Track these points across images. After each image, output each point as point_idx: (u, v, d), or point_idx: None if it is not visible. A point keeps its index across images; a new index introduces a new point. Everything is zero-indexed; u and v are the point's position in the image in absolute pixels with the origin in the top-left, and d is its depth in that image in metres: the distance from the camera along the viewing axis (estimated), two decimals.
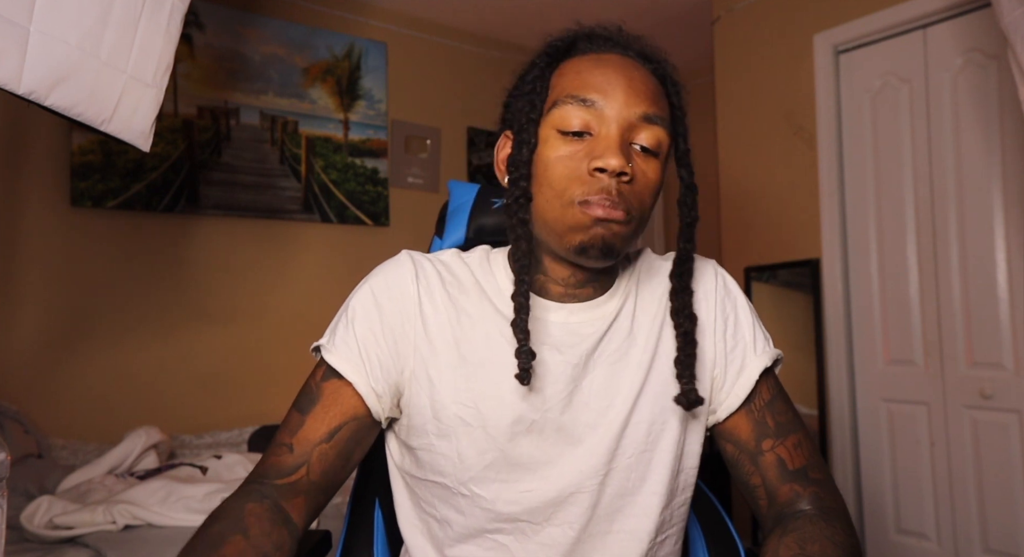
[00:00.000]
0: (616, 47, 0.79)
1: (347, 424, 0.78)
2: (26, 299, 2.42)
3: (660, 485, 0.78)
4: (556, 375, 0.78)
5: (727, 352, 0.82)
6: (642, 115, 0.74)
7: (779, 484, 0.79)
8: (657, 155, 0.76)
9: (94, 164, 2.52)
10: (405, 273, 0.81)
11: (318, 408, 0.78)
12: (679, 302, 0.79)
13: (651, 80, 0.77)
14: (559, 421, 0.77)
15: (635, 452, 0.78)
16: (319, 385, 0.80)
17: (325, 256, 3.06)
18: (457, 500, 0.78)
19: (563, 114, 0.75)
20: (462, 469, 0.77)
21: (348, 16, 3.16)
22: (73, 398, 2.47)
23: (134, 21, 1.25)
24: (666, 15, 3.36)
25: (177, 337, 2.70)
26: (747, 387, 0.81)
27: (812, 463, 0.80)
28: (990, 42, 2.22)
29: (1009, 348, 2.21)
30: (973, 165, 2.29)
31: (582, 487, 0.76)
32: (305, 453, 0.77)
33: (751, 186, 2.91)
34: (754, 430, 0.81)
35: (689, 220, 0.80)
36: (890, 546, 2.48)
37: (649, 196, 0.76)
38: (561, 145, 0.75)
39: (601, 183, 0.72)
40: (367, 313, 0.80)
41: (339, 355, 0.79)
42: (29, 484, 1.94)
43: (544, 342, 0.79)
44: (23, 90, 1.09)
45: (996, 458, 2.22)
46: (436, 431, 0.78)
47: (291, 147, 3.00)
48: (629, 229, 0.74)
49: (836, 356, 2.60)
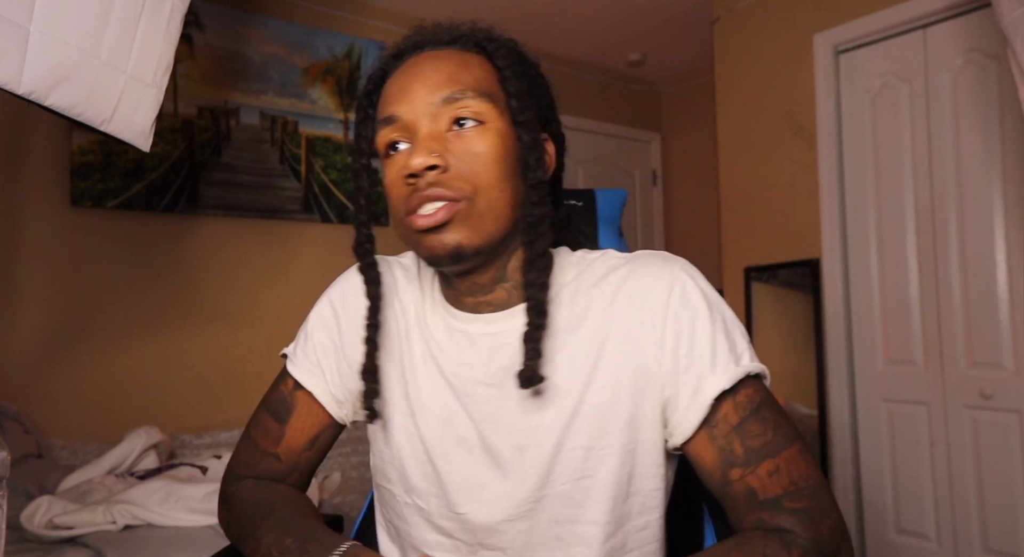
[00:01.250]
0: (414, 50, 0.76)
1: (324, 432, 0.85)
2: (26, 299, 2.42)
3: (602, 514, 0.72)
4: (475, 395, 0.75)
5: (680, 371, 0.71)
6: (441, 100, 0.71)
7: (746, 513, 0.69)
8: (483, 122, 0.71)
9: (94, 164, 2.52)
10: (354, 284, 0.84)
11: (294, 419, 0.84)
12: (532, 272, 0.72)
13: (451, 60, 0.73)
14: (487, 442, 0.74)
15: (570, 479, 0.72)
16: (292, 393, 0.85)
17: (325, 256, 3.06)
18: (402, 509, 0.80)
19: (380, 141, 0.74)
20: (404, 478, 0.79)
21: (348, 16, 3.16)
22: (73, 398, 2.46)
23: (134, 21, 1.24)
24: (666, 15, 3.36)
25: (177, 337, 2.69)
26: (701, 411, 0.70)
27: (792, 491, 0.68)
28: (990, 42, 2.22)
29: (1009, 348, 2.21)
30: (973, 165, 2.29)
31: (512, 515, 0.73)
32: (293, 462, 0.85)
33: (751, 186, 2.91)
34: (719, 459, 0.70)
35: (533, 181, 0.73)
36: (890, 546, 2.48)
37: (483, 170, 0.70)
38: (388, 169, 0.74)
39: (415, 189, 0.70)
40: (324, 324, 0.85)
41: (299, 366, 0.85)
42: (29, 484, 1.94)
43: (462, 360, 0.76)
44: (23, 90, 1.09)
45: (996, 458, 2.22)
46: (383, 439, 0.81)
47: (291, 147, 3.00)
48: (469, 211, 0.69)
49: (836, 356, 2.59)
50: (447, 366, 0.77)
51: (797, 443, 0.71)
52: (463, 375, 0.76)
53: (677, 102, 4.31)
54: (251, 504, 0.81)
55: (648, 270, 0.75)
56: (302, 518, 0.77)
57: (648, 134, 4.31)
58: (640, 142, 4.29)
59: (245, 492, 0.83)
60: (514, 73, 0.74)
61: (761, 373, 0.73)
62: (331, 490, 2.16)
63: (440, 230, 0.69)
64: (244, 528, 0.79)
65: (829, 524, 0.68)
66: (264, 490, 0.83)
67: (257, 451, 0.86)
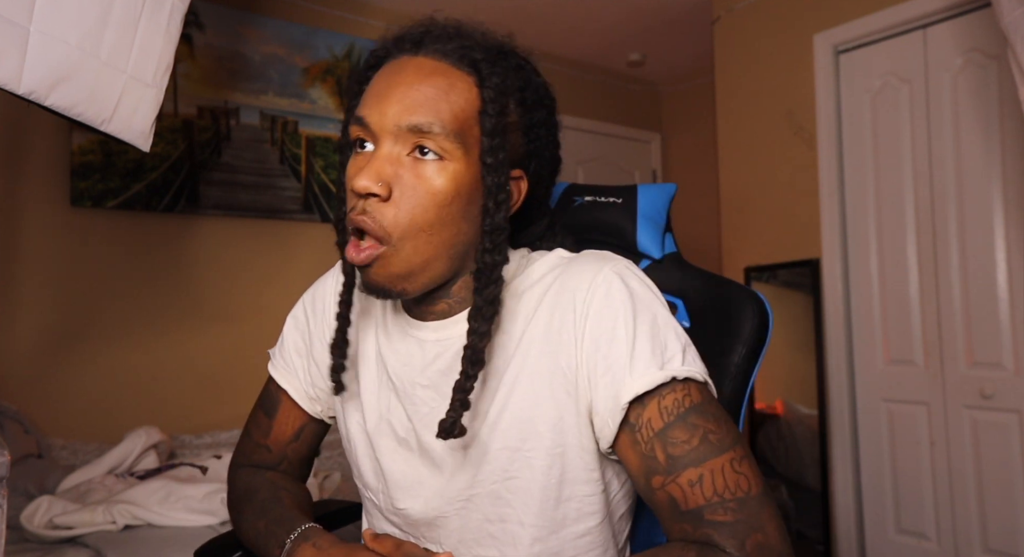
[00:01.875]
0: (410, 49, 0.73)
1: (307, 425, 0.93)
2: (26, 299, 2.42)
3: (528, 515, 0.72)
4: (414, 395, 0.78)
5: (598, 375, 0.69)
6: (407, 127, 0.68)
7: (671, 525, 0.67)
8: (442, 158, 0.69)
9: (94, 164, 2.52)
10: (328, 286, 0.89)
11: (280, 413, 0.92)
12: (475, 320, 0.69)
13: (435, 79, 0.70)
14: (422, 440, 0.77)
15: (498, 479, 0.73)
16: (277, 390, 0.92)
17: (325, 256, 3.05)
18: (365, 501, 0.88)
19: (351, 131, 0.73)
20: (359, 474, 0.85)
21: (348, 16, 3.16)
22: (73, 398, 2.46)
23: (134, 21, 1.24)
24: (666, 15, 3.36)
25: (177, 337, 2.69)
26: (618, 415, 0.68)
27: (715, 503, 0.64)
28: (990, 42, 2.22)
29: (1009, 348, 2.21)
30: (973, 165, 2.29)
31: (445, 511, 0.76)
32: (281, 452, 0.93)
33: (751, 186, 2.91)
34: (641, 465, 0.68)
35: (488, 228, 0.70)
36: (890, 546, 2.48)
37: (426, 207, 0.68)
38: (351, 163, 0.72)
39: (356, 202, 0.69)
40: (297, 327, 0.91)
41: (276, 367, 0.92)
42: (29, 484, 1.94)
43: (404, 362, 0.79)
44: (23, 90, 1.09)
45: (996, 458, 2.22)
46: (345, 435, 0.87)
47: (291, 147, 3.00)
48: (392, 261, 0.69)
49: (836, 356, 2.59)
50: (393, 367, 0.80)
51: (728, 452, 0.66)
52: (403, 376, 0.79)
53: (677, 102, 4.31)
54: (240, 490, 0.90)
55: (578, 270, 0.73)
56: (275, 503, 0.84)
57: (648, 134, 4.31)
58: (640, 142, 4.29)
59: (238, 479, 0.92)
60: (498, 108, 0.70)
61: (694, 377, 0.69)
62: (331, 490, 2.16)
63: (367, 269, 0.70)
64: (234, 512, 0.90)
65: (756, 540, 0.64)
66: (252, 477, 0.91)
67: (251, 442, 0.94)
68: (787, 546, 0.65)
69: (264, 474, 0.91)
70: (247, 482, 0.90)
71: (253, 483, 0.90)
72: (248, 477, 0.91)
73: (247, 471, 0.93)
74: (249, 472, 0.92)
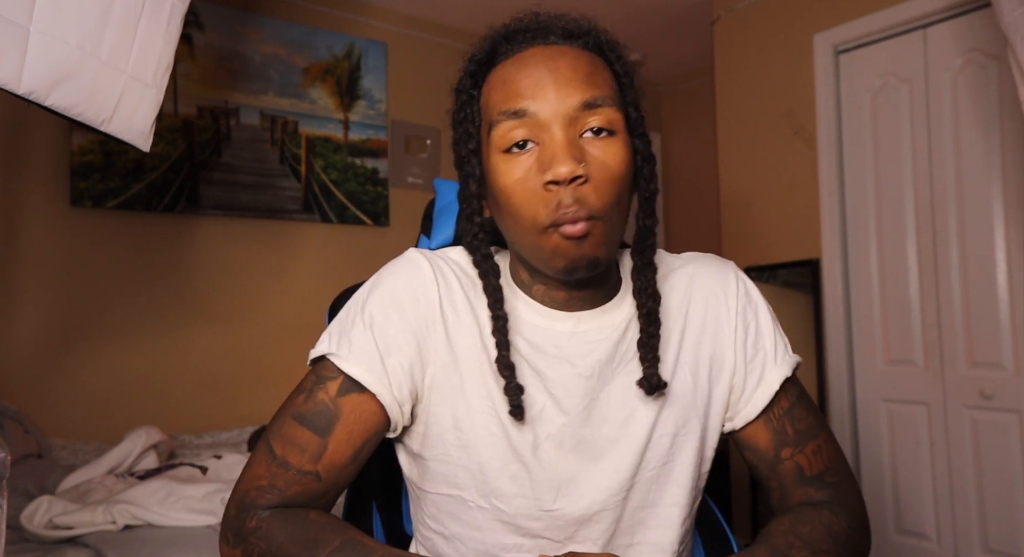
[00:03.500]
0: (536, 38, 0.73)
1: (369, 441, 0.75)
2: (26, 299, 2.42)
3: (681, 495, 0.77)
4: (570, 388, 0.75)
5: (747, 361, 0.80)
6: (581, 104, 0.69)
7: (794, 489, 0.80)
8: (614, 133, 0.71)
9: (94, 164, 2.52)
10: (425, 274, 0.76)
11: (339, 429, 0.73)
12: (641, 281, 0.75)
13: (583, 59, 0.72)
14: (579, 435, 0.74)
15: (657, 464, 0.76)
16: (336, 402, 0.73)
17: (325, 256, 3.06)
18: (473, 514, 0.75)
19: (501, 134, 0.70)
20: (483, 482, 0.74)
21: (348, 16, 3.16)
22: (73, 398, 2.46)
23: (134, 21, 1.24)
24: (666, 15, 3.36)
25: (177, 337, 2.70)
26: (766, 397, 0.79)
27: (831, 467, 0.80)
28: (990, 42, 2.22)
29: (1009, 348, 2.21)
30: (973, 165, 2.29)
31: (606, 505, 0.74)
32: (333, 480, 0.74)
33: (751, 186, 2.91)
34: (773, 439, 0.80)
35: (647, 193, 0.75)
36: (890, 546, 2.48)
37: (615, 185, 0.70)
38: (511, 168, 0.70)
39: (558, 197, 0.68)
40: (387, 316, 0.75)
41: (359, 364, 0.73)
42: (29, 484, 1.94)
43: (555, 356, 0.76)
44: (23, 90, 1.09)
45: (996, 458, 2.22)
46: (456, 441, 0.74)
47: (291, 147, 3.00)
48: (602, 233, 0.70)
49: (836, 356, 2.59)
50: (539, 363, 0.76)
51: (828, 428, 0.83)
52: (558, 370, 0.75)
53: (677, 102, 4.31)
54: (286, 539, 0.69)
55: (711, 270, 0.83)
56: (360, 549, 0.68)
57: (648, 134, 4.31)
58: None
59: (273, 527, 0.70)
60: (630, 80, 0.75)
61: (798, 363, 0.83)
62: None
63: (581, 241, 0.69)
64: None
65: (856, 494, 0.81)
66: (296, 522, 0.71)
67: (288, 471, 0.72)
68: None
69: (306, 516, 0.72)
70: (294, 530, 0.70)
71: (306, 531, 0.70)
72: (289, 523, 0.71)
73: (279, 515, 0.71)
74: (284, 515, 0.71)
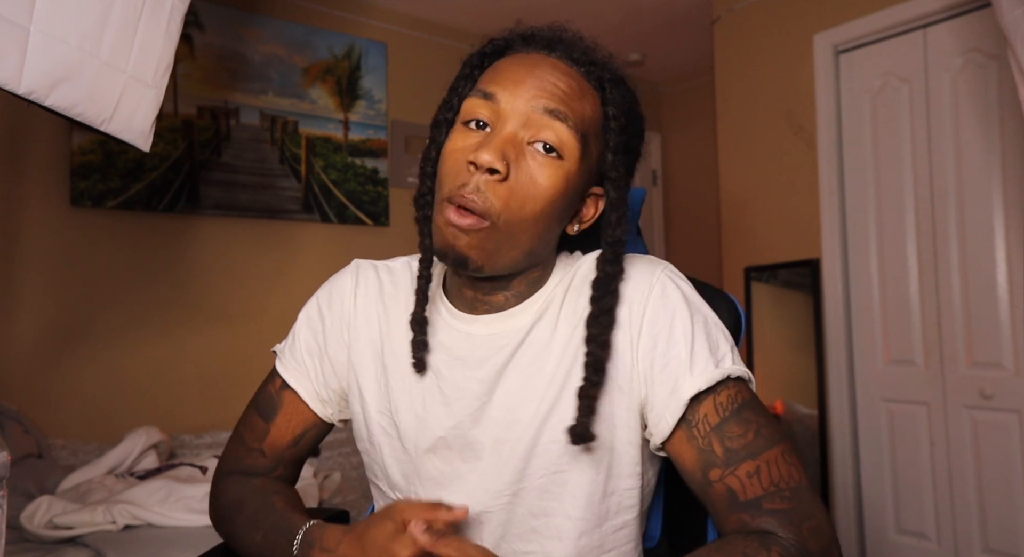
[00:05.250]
0: (544, 47, 0.75)
1: (309, 431, 0.88)
2: (26, 299, 2.42)
3: (577, 509, 0.74)
4: (465, 390, 0.76)
5: (655, 372, 0.72)
6: (543, 108, 0.70)
7: (727, 515, 0.70)
8: (560, 157, 0.71)
9: (94, 164, 2.52)
10: (346, 285, 0.86)
11: (280, 417, 0.86)
12: (594, 328, 0.72)
13: (574, 82, 0.73)
14: (467, 436, 0.76)
15: (547, 472, 0.74)
16: (279, 393, 0.87)
17: (325, 256, 3.06)
18: (388, 502, 0.83)
19: (467, 106, 0.74)
20: (385, 477, 0.82)
21: (348, 16, 3.16)
22: (73, 398, 2.46)
23: (134, 21, 1.24)
24: (666, 15, 3.36)
25: (177, 337, 2.69)
26: (677, 411, 0.71)
27: (772, 493, 0.69)
28: (990, 42, 2.22)
29: (1009, 348, 2.21)
30: (973, 165, 2.29)
31: (490, 507, 0.75)
32: (277, 457, 0.87)
33: (751, 186, 2.91)
34: (699, 459, 0.71)
35: (611, 240, 0.73)
36: (890, 546, 2.48)
37: (530, 202, 0.70)
38: (459, 137, 0.73)
39: (468, 178, 0.69)
40: (311, 325, 0.87)
41: (286, 366, 0.87)
42: (29, 484, 1.94)
43: (458, 357, 0.77)
44: (23, 90, 1.09)
45: (996, 458, 2.22)
46: (367, 438, 0.83)
47: (291, 147, 3.00)
48: (487, 239, 0.70)
49: (836, 356, 2.59)
50: (438, 363, 0.78)
51: (779, 445, 0.71)
52: (455, 372, 0.77)
53: (677, 102, 4.31)
54: (226, 502, 0.85)
55: (630, 273, 0.76)
56: (268, 510, 0.80)
57: (648, 134, 4.29)
58: None
59: (224, 490, 0.86)
60: (620, 125, 0.75)
61: (743, 376, 0.74)
62: (331, 490, 2.16)
63: (460, 233, 0.70)
64: (223, 526, 0.85)
65: (811, 525, 0.68)
66: (239, 486, 0.85)
67: (243, 447, 0.88)
68: (834, 529, 0.71)
69: (251, 482, 0.86)
70: (234, 493, 0.85)
71: (241, 493, 0.84)
72: (236, 487, 0.86)
73: (234, 480, 0.87)
74: (237, 481, 0.86)
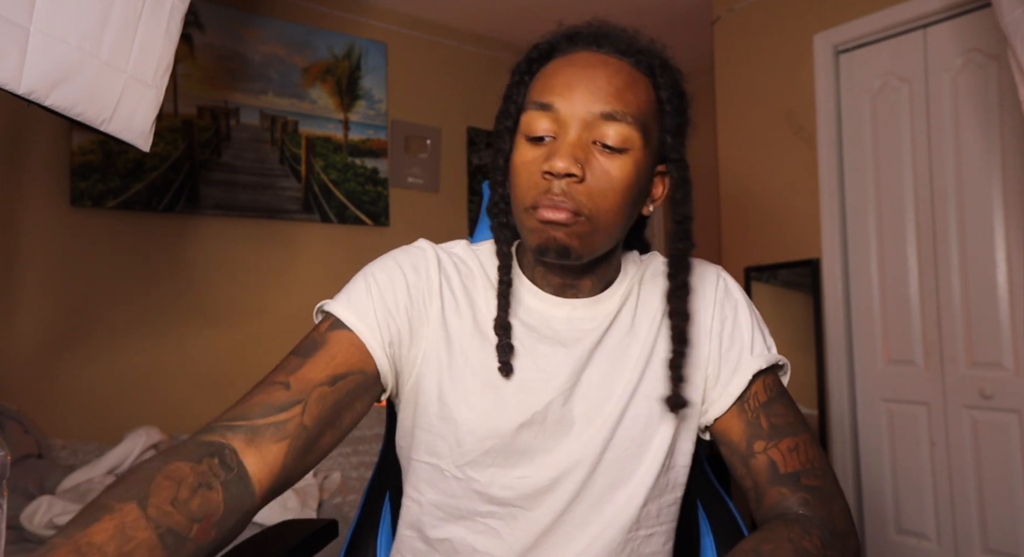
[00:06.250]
0: (590, 45, 0.78)
1: (352, 375, 0.73)
2: (26, 299, 2.42)
3: (648, 479, 0.79)
4: (559, 369, 0.79)
5: (722, 352, 0.82)
6: (600, 114, 0.74)
7: (768, 487, 0.77)
8: (624, 151, 0.74)
9: (94, 164, 2.52)
10: (429, 259, 0.83)
11: (322, 353, 0.73)
12: (675, 302, 0.79)
13: (622, 75, 0.76)
14: (560, 412, 0.79)
15: (628, 446, 0.79)
16: (323, 335, 0.75)
17: (325, 256, 3.06)
18: (449, 483, 0.79)
19: (527, 120, 0.77)
20: (459, 453, 0.78)
21: (348, 16, 3.16)
22: (73, 398, 2.46)
23: (134, 21, 1.25)
24: (666, 15, 3.36)
25: (177, 337, 2.70)
26: (740, 386, 0.80)
27: (808, 469, 0.77)
28: (990, 42, 2.22)
29: (1009, 348, 2.21)
30: (973, 165, 2.29)
31: (571, 473, 0.77)
32: (303, 391, 0.69)
33: (751, 186, 2.91)
34: (746, 431, 0.79)
35: (679, 218, 0.80)
36: (890, 546, 2.48)
37: (610, 194, 0.74)
38: (526, 151, 0.76)
39: (548, 186, 0.73)
40: (392, 282, 0.79)
41: (351, 309, 0.76)
42: (29, 484, 1.94)
43: (548, 337, 0.81)
44: (23, 90, 1.09)
45: (996, 458, 2.22)
46: (439, 413, 0.78)
47: (291, 147, 3.00)
48: (583, 229, 0.74)
49: (836, 356, 2.59)
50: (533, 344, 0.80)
51: (809, 431, 0.80)
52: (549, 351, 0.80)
53: None
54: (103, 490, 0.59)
55: (696, 271, 0.85)
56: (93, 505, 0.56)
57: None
58: None
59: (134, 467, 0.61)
60: (674, 107, 0.78)
61: (786, 366, 0.84)
62: (331, 490, 2.16)
63: (557, 227, 0.73)
64: None
65: (839, 505, 0.76)
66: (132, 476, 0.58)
67: (262, 384, 0.71)
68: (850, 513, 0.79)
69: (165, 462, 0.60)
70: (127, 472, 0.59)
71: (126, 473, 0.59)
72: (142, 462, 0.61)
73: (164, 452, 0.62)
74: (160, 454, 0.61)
